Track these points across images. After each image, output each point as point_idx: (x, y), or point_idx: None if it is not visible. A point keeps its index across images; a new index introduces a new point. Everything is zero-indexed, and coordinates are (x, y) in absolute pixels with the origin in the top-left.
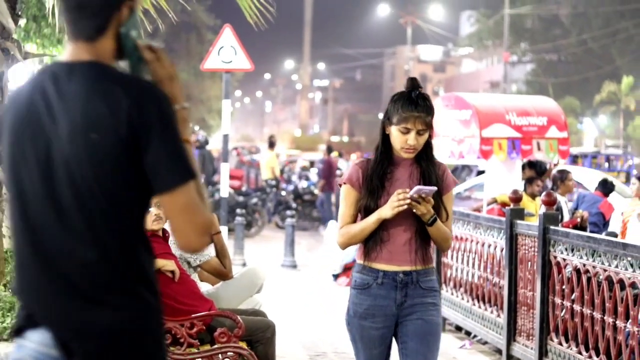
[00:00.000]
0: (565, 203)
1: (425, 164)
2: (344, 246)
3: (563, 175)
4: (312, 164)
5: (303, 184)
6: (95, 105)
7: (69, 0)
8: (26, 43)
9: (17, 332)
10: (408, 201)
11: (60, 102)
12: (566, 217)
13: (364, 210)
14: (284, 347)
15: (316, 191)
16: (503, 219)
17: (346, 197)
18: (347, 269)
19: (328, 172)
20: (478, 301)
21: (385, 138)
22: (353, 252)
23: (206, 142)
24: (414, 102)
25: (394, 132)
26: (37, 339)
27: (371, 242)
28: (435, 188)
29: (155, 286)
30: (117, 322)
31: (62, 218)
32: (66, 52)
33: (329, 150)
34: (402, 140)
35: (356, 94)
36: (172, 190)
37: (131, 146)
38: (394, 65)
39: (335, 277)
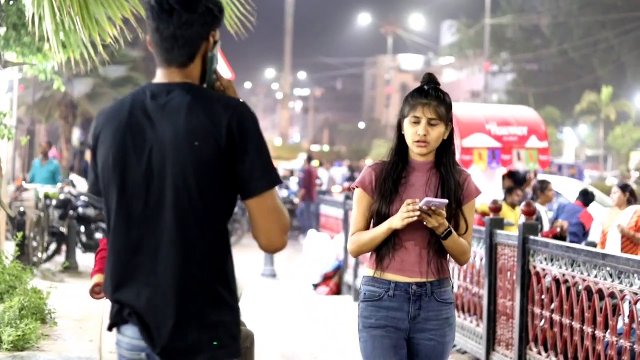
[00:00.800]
0: (545, 212)
1: (444, 169)
2: (355, 254)
3: (543, 185)
4: (292, 173)
5: (283, 193)
6: (198, 117)
7: (165, 32)
8: (6, 51)
9: (111, 327)
10: (417, 212)
11: (160, 113)
12: (546, 226)
13: (376, 215)
14: (263, 356)
15: (296, 200)
16: (483, 228)
17: (358, 202)
18: (326, 278)
19: (308, 182)
20: (457, 310)
21: (401, 139)
22: (333, 262)
23: None
24: (425, 91)
25: (406, 126)
26: (130, 333)
27: (383, 250)
28: (446, 201)
29: (234, 288)
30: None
31: (157, 215)
32: (158, 76)
33: (309, 159)
34: (413, 132)
35: (337, 103)
36: (263, 194)
37: (228, 155)
38: (374, 74)
39: (315, 286)
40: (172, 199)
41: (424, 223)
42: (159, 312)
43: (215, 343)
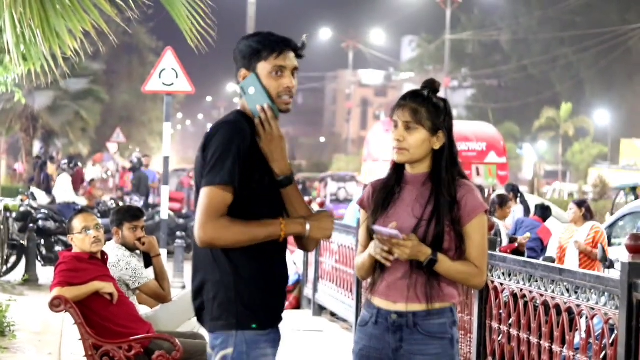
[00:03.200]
0: (503, 227)
1: (437, 184)
2: (360, 278)
3: (502, 200)
4: None
5: None
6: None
7: None
8: None
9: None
10: (384, 251)
11: None
12: (504, 241)
13: (367, 233)
14: None
15: None
16: None
17: (361, 221)
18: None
19: None
20: None
21: None
22: (293, 276)
23: (140, 164)
24: (407, 93)
25: (391, 133)
26: None
27: (377, 271)
28: (395, 231)
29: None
30: None
31: None
32: None
33: None
34: (393, 137)
35: (298, 117)
36: (203, 188)
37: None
38: (335, 89)
39: None
40: (196, 194)
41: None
42: None
43: None
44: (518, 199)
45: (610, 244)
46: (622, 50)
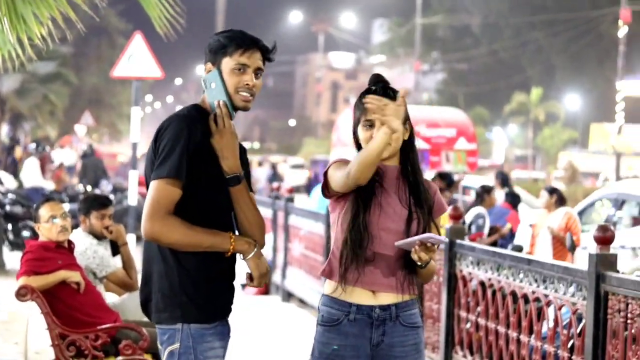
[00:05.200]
0: (487, 217)
1: (412, 176)
2: (356, 178)
3: (487, 189)
4: None
5: None
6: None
7: None
8: None
9: None
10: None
11: None
12: (487, 230)
13: (352, 220)
14: None
15: None
16: None
17: (339, 169)
18: None
19: None
20: None
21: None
22: None
23: (92, 152)
24: (372, 91)
25: (360, 133)
26: None
27: (348, 260)
28: (445, 239)
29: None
30: None
31: None
32: None
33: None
34: (369, 136)
35: (268, 100)
36: (153, 181)
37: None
38: (305, 72)
39: (243, 286)
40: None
41: (413, 256)
42: None
43: None
44: (503, 188)
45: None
46: (593, 36)
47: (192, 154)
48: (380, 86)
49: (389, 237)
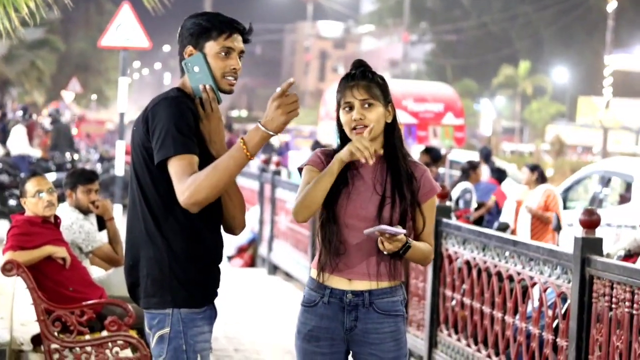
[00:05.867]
0: (474, 192)
1: (393, 161)
2: (300, 215)
3: (473, 165)
4: None
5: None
6: (144, 111)
7: None
8: None
9: None
10: (370, 153)
11: None
12: (474, 205)
13: (321, 212)
14: None
15: None
16: None
17: (306, 177)
18: (241, 250)
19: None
20: None
21: (344, 135)
22: (247, 234)
23: (58, 116)
24: (351, 74)
25: (342, 117)
26: None
27: (327, 248)
28: (403, 231)
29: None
30: None
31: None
32: None
33: (230, 128)
34: (349, 119)
35: (256, 68)
36: (168, 161)
37: (148, 136)
38: (294, 40)
39: (229, 258)
40: (130, 175)
41: (379, 245)
42: None
43: None
44: (485, 163)
45: (565, 207)
46: (582, 9)
47: (187, 134)
48: (360, 70)
49: (359, 224)
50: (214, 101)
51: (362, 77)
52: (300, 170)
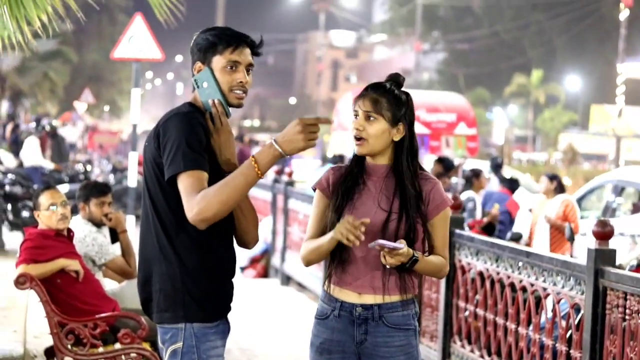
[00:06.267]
0: (478, 200)
1: (400, 176)
2: (305, 263)
3: (476, 173)
4: None
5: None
6: (155, 126)
7: None
8: None
9: None
10: (357, 239)
11: None
12: (479, 214)
13: (329, 223)
14: None
15: None
16: None
17: (316, 204)
18: (254, 261)
19: (240, 162)
20: None
21: None
22: (260, 245)
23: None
24: (370, 85)
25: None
26: None
27: (336, 261)
28: (401, 246)
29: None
30: None
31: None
32: None
33: (241, 138)
34: (354, 125)
35: (268, 78)
36: (177, 176)
37: (159, 151)
38: (306, 50)
39: (242, 269)
40: (144, 187)
41: (382, 260)
42: None
43: None
44: (494, 173)
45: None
46: (595, 17)
47: (198, 150)
48: (389, 82)
49: (365, 238)
50: (223, 115)
51: (374, 90)
52: (314, 189)
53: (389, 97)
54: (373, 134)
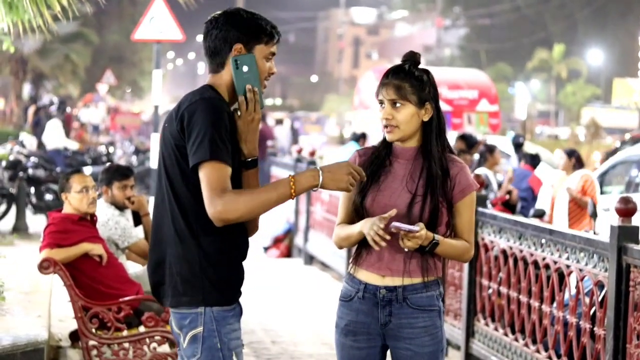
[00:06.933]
0: (494, 177)
1: (428, 158)
2: (338, 247)
3: (490, 148)
4: None
5: None
6: (175, 108)
7: (204, 47)
8: None
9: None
10: (383, 239)
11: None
12: (495, 190)
13: (354, 206)
14: None
15: None
16: None
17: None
18: (277, 241)
19: (260, 141)
20: None
21: None
22: (284, 225)
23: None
24: (390, 70)
25: (379, 112)
26: None
27: (360, 244)
28: (416, 228)
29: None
30: None
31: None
32: None
33: (263, 118)
34: (381, 116)
35: (289, 56)
36: (199, 165)
37: (182, 135)
38: (327, 27)
39: (266, 249)
40: (157, 171)
41: (399, 243)
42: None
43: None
44: (516, 153)
45: (602, 192)
46: None
47: (224, 141)
48: (408, 64)
49: (395, 217)
50: (258, 103)
51: (395, 76)
52: None
53: (411, 81)
54: (403, 120)
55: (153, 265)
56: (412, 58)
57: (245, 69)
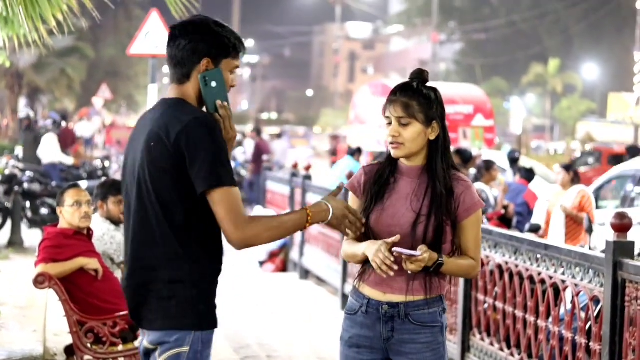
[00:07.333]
0: (490, 192)
1: (433, 177)
2: (346, 261)
3: (488, 164)
4: (240, 143)
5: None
6: (158, 126)
7: (168, 54)
8: None
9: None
10: (389, 267)
11: (143, 123)
12: (492, 205)
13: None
14: None
15: (243, 172)
16: None
17: (350, 205)
18: (272, 255)
19: (257, 155)
20: None
21: None
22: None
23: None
24: (397, 87)
25: (385, 129)
26: None
27: (367, 260)
28: (417, 253)
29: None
30: None
31: (131, 205)
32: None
33: (258, 132)
34: (388, 132)
35: (285, 70)
36: (208, 191)
37: (177, 159)
38: (322, 42)
39: (261, 263)
40: (136, 192)
41: (403, 265)
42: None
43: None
44: (512, 167)
45: (597, 207)
46: (612, 6)
47: (229, 163)
48: (415, 82)
49: (397, 235)
50: (231, 119)
51: (403, 94)
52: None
53: (419, 99)
54: (409, 138)
55: (134, 288)
56: (420, 76)
57: (213, 84)
